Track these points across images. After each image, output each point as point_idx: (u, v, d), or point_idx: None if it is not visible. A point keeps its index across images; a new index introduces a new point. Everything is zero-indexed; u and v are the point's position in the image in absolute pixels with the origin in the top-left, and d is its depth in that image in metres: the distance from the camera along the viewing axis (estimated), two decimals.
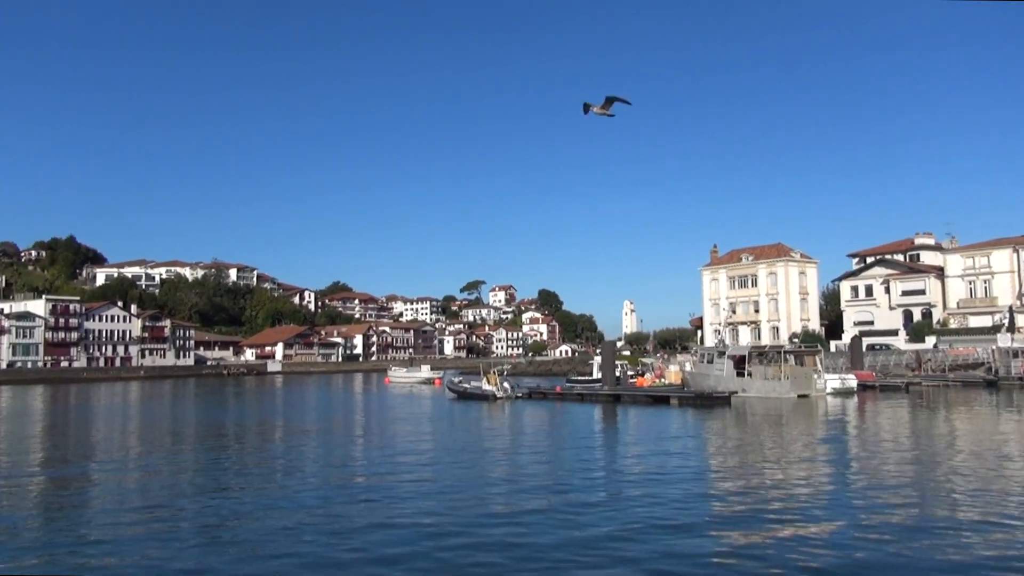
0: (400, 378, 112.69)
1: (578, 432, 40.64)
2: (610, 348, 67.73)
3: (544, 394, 65.24)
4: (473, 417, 50.37)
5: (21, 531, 18.59)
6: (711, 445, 34.53)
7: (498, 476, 26.53)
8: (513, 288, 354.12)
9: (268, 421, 50.61)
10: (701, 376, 58.87)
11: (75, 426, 48.81)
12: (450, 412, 55.14)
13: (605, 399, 58.10)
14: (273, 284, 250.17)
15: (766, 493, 22.28)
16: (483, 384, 66.79)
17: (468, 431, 42.09)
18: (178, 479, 26.42)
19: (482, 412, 54.05)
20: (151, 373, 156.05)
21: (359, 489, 24.04)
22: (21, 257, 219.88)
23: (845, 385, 59.23)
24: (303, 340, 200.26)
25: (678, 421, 44.57)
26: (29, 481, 26.66)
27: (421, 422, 47.50)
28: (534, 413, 52.19)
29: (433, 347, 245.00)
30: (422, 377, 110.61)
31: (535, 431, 41.55)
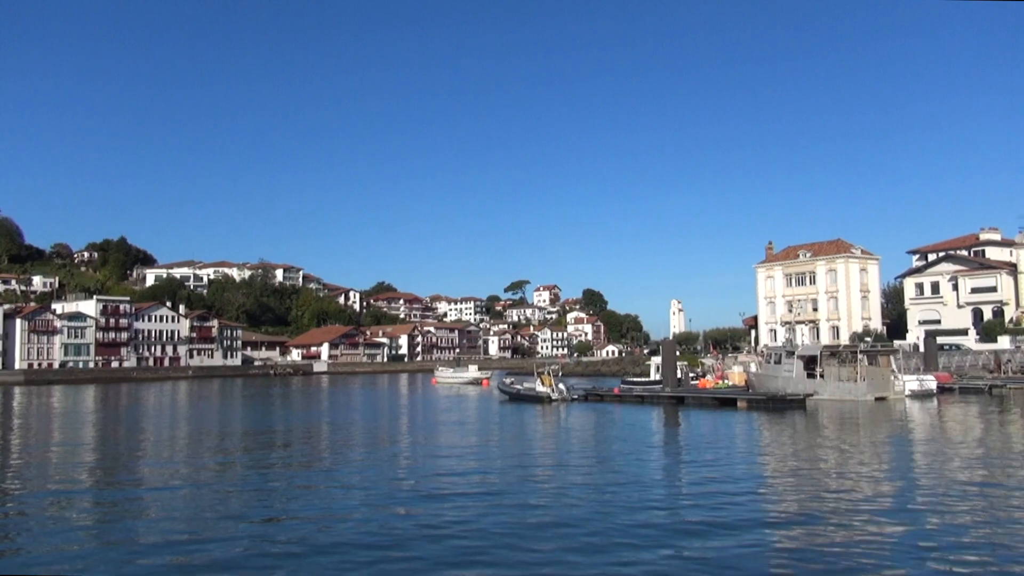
0: (447, 379, 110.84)
1: (643, 437, 37.97)
2: (670, 348, 64.22)
3: (601, 396, 62.40)
4: (527, 421, 47.88)
5: (72, 534, 18.45)
6: (791, 452, 31.47)
7: (559, 486, 24.13)
8: (557, 288, 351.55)
9: (316, 424, 48.78)
10: (768, 377, 55.53)
11: (125, 428, 48.32)
12: (503, 415, 52.74)
13: (667, 402, 55.14)
14: (319, 284, 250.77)
15: (860, 510, 19.50)
16: (537, 385, 63.94)
17: (523, 436, 39.63)
18: (224, 486, 25.09)
19: (536, 415, 51.50)
20: (199, 373, 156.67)
21: (411, 499, 22.20)
22: (74, 258, 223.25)
23: (924, 387, 55.42)
24: (349, 340, 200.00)
25: (749, 425, 41.56)
26: (79, 484, 26.25)
27: (473, 426, 45.18)
28: (592, 416, 49.48)
29: (478, 347, 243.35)
30: (469, 377, 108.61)
31: (596, 436, 38.87)
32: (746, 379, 60.19)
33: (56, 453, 34.91)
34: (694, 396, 55.84)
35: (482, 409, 59.32)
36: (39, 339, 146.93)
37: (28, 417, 60.32)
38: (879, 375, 53.55)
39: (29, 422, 55.27)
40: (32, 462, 32.39)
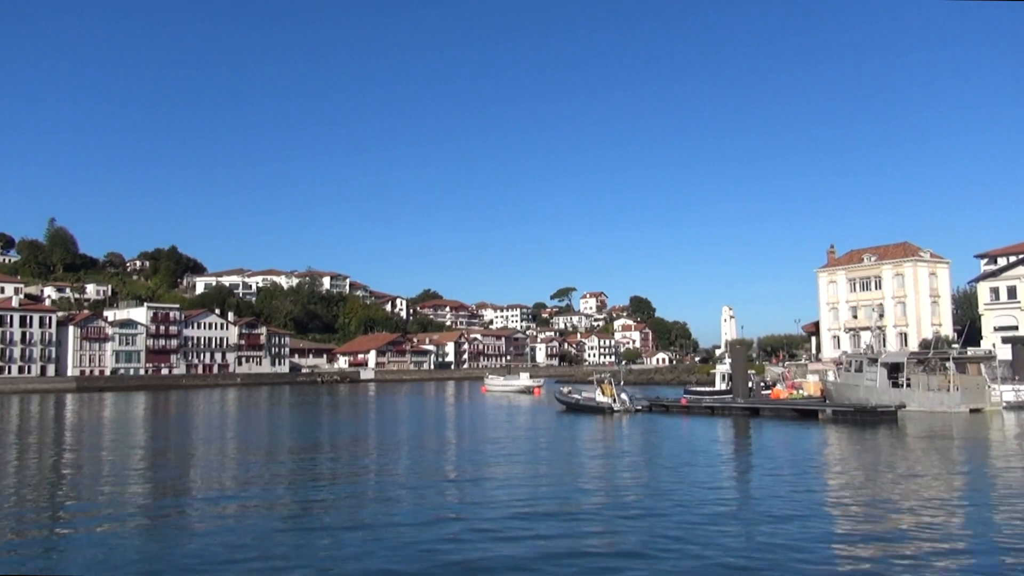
0: (497, 387, 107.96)
1: (723, 455, 34.74)
2: (741, 355, 59.99)
3: (666, 407, 58.90)
4: (589, 434, 44.75)
5: (117, 547, 18.35)
6: (900, 475, 27.82)
7: (640, 513, 21.27)
8: (604, 295, 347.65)
9: (364, 435, 46.46)
10: (848, 387, 51.54)
11: (175, 438, 47.55)
12: (561, 427, 49.64)
13: (740, 413, 51.52)
14: (365, 292, 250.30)
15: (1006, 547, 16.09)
16: (597, 395, 60.60)
17: (586, 452, 36.61)
18: (270, 504, 23.80)
19: (598, 427, 48.37)
20: (247, 380, 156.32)
21: (463, 525, 19.89)
22: (127, 267, 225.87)
23: (1021, 398, 50.92)
24: (395, 348, 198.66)
25: (838, 440, 37.99)
26: (130, 492, 26.39)
27: (531, 439, 42.13)
28: (660, 430, 46.12)
29: (525, 355, 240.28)
30: (520, 386, 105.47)
31: (670, 453, 35.56)
32: (822, 389, 56.20)
33: (108, 463, 34.40)
34: (771, 408, 52.01)
35: (538, 420, 56.21)
36: (91, 346, 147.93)
37: (80, 425, 59.80)
38: (972, 385, 49.28)
39: (82, 430, 54.80)
40: (85, 470, 32.18)
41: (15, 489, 27.49)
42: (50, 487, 28.06)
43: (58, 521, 21.90)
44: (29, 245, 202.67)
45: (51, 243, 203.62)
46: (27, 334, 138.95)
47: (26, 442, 46.40)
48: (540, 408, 69.81)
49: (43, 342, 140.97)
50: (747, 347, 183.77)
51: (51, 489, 27.53)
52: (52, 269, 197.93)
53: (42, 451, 41.12)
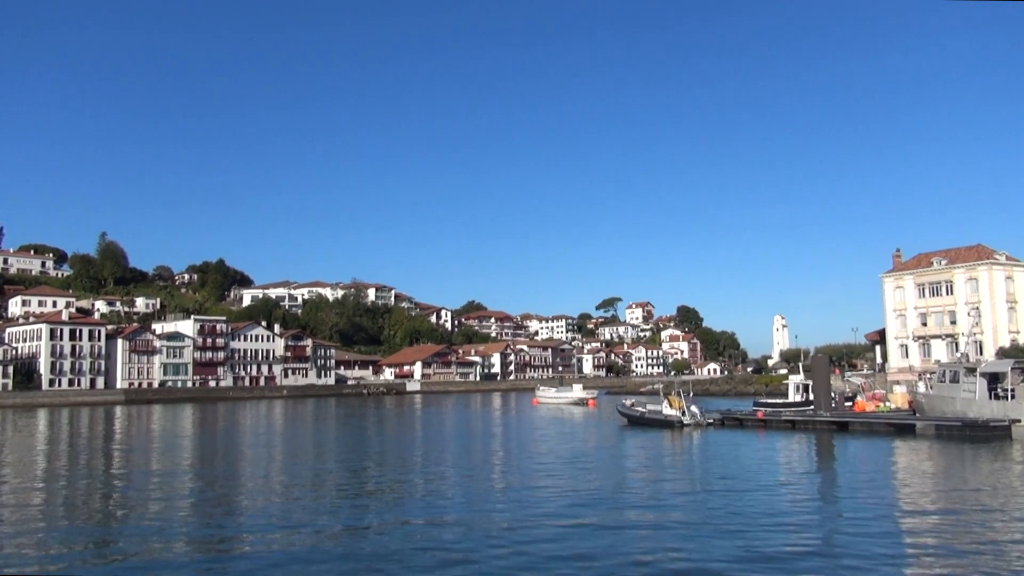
0: (549, 398, 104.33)
1: (819, 472, 31.07)
2: (823, 365, 55.38)
3: (740, 421, 54.84)
4: (660, 450, 41.20)
5: (168, 558, 18.59)
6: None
7: (737, 556, 17.67)
8: (651, 305, 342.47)
9: (414, 453, 43.70)
10: (943, 399, 47.13)
11: (222, 454, 46.81)
12: (628, 442, 46.13)
13: (825, 427, 47.41)
14: (410, 303, 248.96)
15: None
16: (664, 408, 56.63)
17: (658, 471, 33.12)
18: (317, 524, 22.92)
19: (667, 444, 44.74)
20: (294, 392, 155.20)
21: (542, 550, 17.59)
22: (175, 280, 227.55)
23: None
24: (441, 359, 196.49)
25: (947, 458, 34.00)
26: (178, 508, 26.13)
27: (594, 457, 38.77)
28: (739, 446, 42.24)
29: (571, 366, 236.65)
30: (574, 397, 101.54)
31: (756, 470, 31.92)
32: (910, 401, 51.80)
33: (156, 478, 34.23)
34: (861, 421, 47.70)
35: (601, 435, 52.65)
36: (139, 359, 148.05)
37: (129, 438, 59.42)
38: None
39: (131, 443, 54.73)
40: (134, 485, 32.10)
41: (64, 502, 27.77)
42: (101, 500, 28.33)
43: (107, 538, 21.79)
44: (81, 260, 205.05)
45: (102, 257, 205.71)
46: (77, 347, 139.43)
47: (77, 455, 46.09)
48: (599, 421, 66.33)
49: (92, 355, 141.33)
50: (805, 355, 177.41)
51: (102, 503, 27.75)
52: (103, 283, 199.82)
53: (92, 464, 40.97)
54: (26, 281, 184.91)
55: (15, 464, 41.11)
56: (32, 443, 55.27)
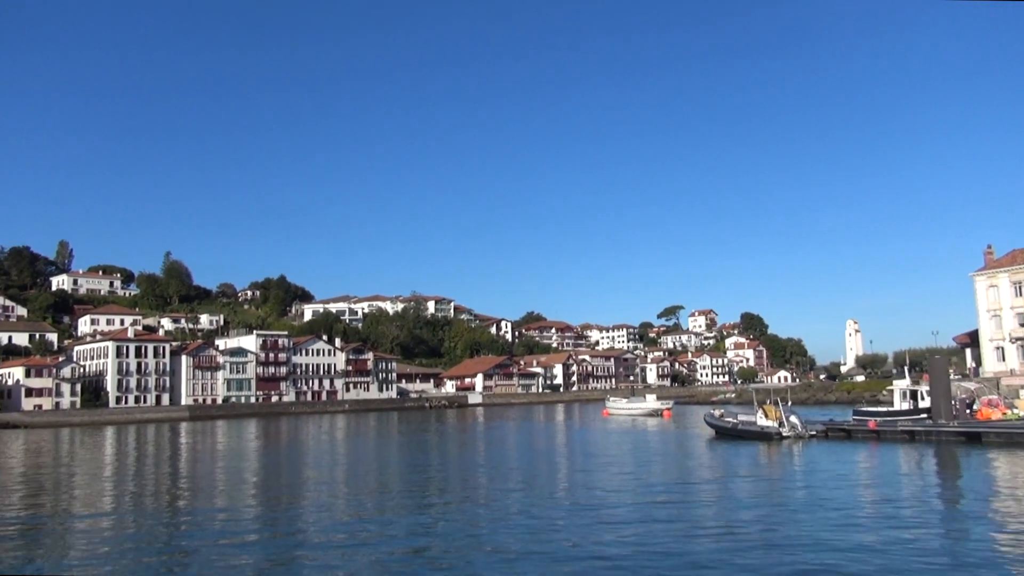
0: (621, 410, 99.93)
1: (978, 497, 26.45)
2: (942, 368, 49.72)
3: (847, 432, 49.69)
4: (762, 468, 36.90)
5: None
6: None
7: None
8: (713, 312, 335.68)
9: (473, 471, 40.58)
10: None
11: (287, 466, 46.81)
12: (721, 458, 41.89)
13: (953, 439, 42.36)
14: (470, 315, 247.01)
15: None
16: (758, 418, 52.08)
17: (771, 494, 29.05)
18: (382, 552, 21.46)
19: (768, 459, 40.36)
20: (355, 407, 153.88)
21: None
22: (238, 297, 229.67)
23: None
24: (502, 371, 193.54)
25: None
26: (243, 528, 25.97)
27: (686, 478, 34.63)
28: (852, 463, 37.46)
29: (635, 376, 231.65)
30: (648, 408, 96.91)
31: (894, 494, 27.41)
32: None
33: (222, 496, 34.28)
34: (999, 432, 42.14)
35: (688, 449, 48.32)
36: (203, 375, 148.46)
37: (195, 454, 59.30)
38: None
39: (196, 459, 54.90)
40: (200, 501, 32.25)
41: (134, 519, 28.13)
42: (169, 515, 28.71)
43: (175, 553, 22.07)
44: (147, 279, 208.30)
45: (167, 276, 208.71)
46: (142, 364, 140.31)
47: (145, 472, 46.55)
48: (680, 433, 61.99)
49: (158, 371, 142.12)
50: (881, 362, 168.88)
51: (170, 518, 28.12)
52: (168, 301, 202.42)
53: (159, 480, 41.36)
54: (95, 301, 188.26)
55: (86, 482, 41.39)
56: (101, 461, 55.36)
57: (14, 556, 21.90)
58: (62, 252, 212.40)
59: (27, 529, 26.41)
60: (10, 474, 46.32)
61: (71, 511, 30.54)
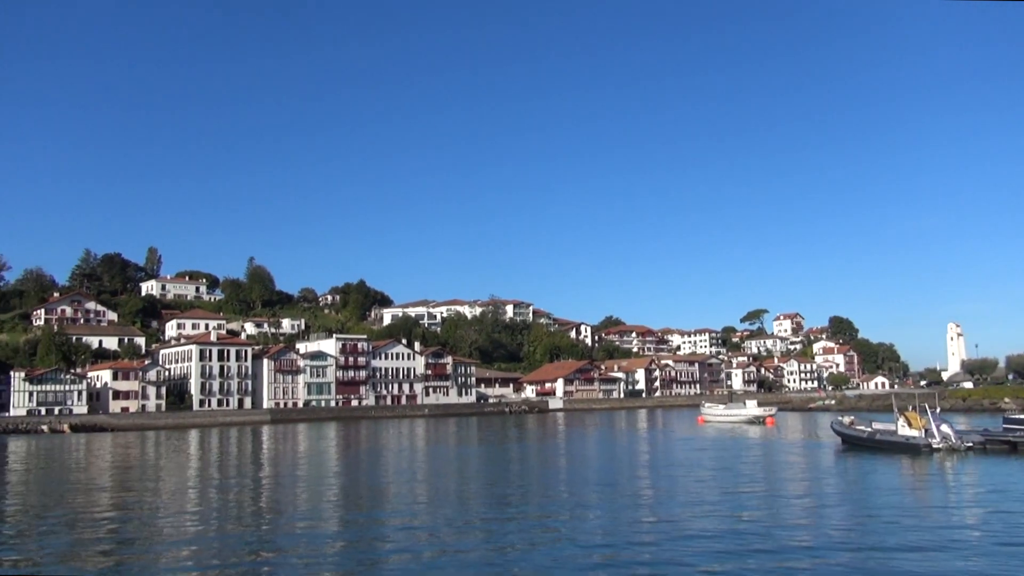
0: (718, 416, 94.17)
1: None
2: None
3: (1012, 444, 43.36)
4: (904, 488, 31.55)
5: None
6: None
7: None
8: (799, 316, 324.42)
9: (553, 485, 36.85)
10: None
11: (367, 470, 46.62)
12: (857, 475, 36.27)
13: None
14: (549, 319, 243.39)
15: None
16: (900, 427, 45.82)
17: (922, 522, 23.92)
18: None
19: (910, 475, 34.81)
20: (435, 411, 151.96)
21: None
22: (319, 302, 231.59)
23: None
24: (583, 376, 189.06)
25: None
26: (327, 525, 26.69)
27: (815, 495, 29.73)
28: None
29: (719, 381, 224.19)
30: (748, 415, 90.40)
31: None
32: None
33: (305, 496, 34.73)
34: None
35: (813, 463, 42.55)
36: (284, 378, 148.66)
37: (278, 457, 59.47)
38: None
39: (278, 462, 55.05)
40: (282, 505, 32.64)
41: (218, 523, 28.57)
42: (252, 518, 29.30)
43: (258, 555, 22.40)
44: (231, 284, 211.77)
45: (250, 281, 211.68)
46: (225, 367, 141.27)
47: (229, 474, 47.39)
48: (798, 444, 56.21)
49: (240, 375, 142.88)
50: (991, 368, 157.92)
51: (254, 521, 28.67)
52: (251, 306, 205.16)
53: (242, 482, 41.77)
54: (182, 306, 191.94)
55: (174, 484, 42.36)
56: (188, 464, 55.84)
57: (105, 556, 22.65)
58: (151, 258, 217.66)
59: (116, 529, 27.42)
60: (103, 477, 46.76)
61: (159, 513, 31.28)
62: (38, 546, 24.65)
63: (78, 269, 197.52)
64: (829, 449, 49.61)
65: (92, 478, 46.98)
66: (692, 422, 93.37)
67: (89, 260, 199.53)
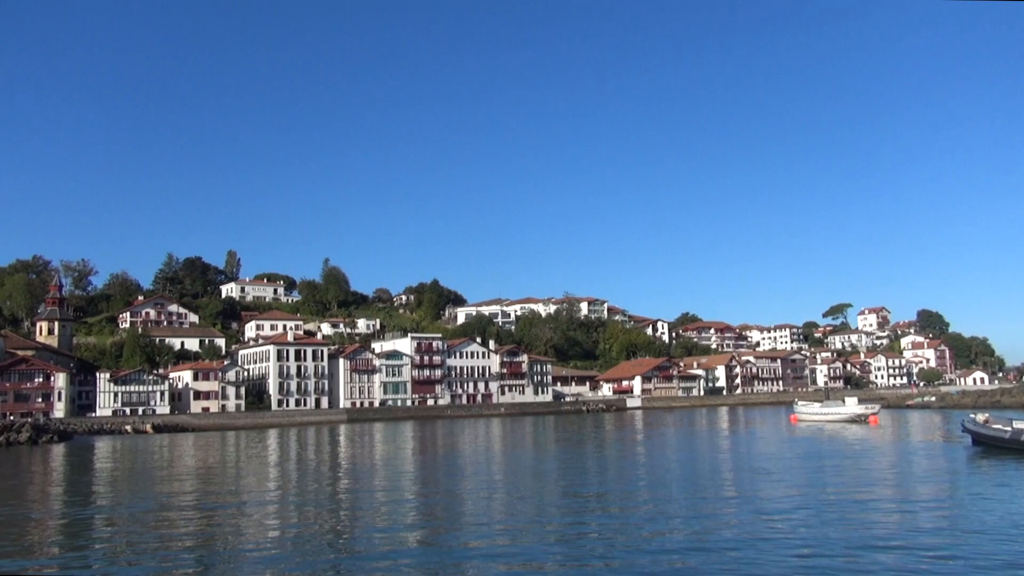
0: (814, 415, 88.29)
1: None
2: None
3: None
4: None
5: None
6: None
7: None
8: (885, 310, 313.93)
9: (633, 493, 33.88)
10: None
11: (445, 472, 45.96)
12: (1000, 481, 32.33)
13: None
14: (624, 316, 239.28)
15: None
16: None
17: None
18: None
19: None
20: (511, 410, 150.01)
21: None
22: (393, 302, 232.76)
23: None
24: (662, 373, 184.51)
25: None
26: (405, 526, 26.87)
27: (959, 509, 25.86)
28: None
29: (803, 378, 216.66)
30: (849, 413, 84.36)
31: None
32: None
33: (383, 495, 35.12)
34: None
35: (944, 468, 38.00)
36: (360, 378, 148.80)
37: (355, 457, 59.81)
38: None
39: (357, 462, 55.43)
40: (363, 503, 33.25)
41: (300, 517, 29.71)
42: (331, 518, 29.78)
43: (337, 556, 22.70)
44: (308, 285, 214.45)
45: (326, 282, 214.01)
46: (302, 367, 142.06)
47: (311, 473, 47.90)
48: (916, 445, 51.33)
49: (316, 375, 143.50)
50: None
51: (332, 521, 29.15)
52: (327, 307, 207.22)
53: (321, 482, 42.19)
54: (260, 307, 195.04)
55: (254, 483, 43.32)
56: (271, 463, 56.47)
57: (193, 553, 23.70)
58: (231, 261, 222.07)
59: (204, 529, 28.46)
60: (191, 478, 47.86)
61: (245, 513, 32.01)
62: (129, 549, 25.41)
63: (161, 273, 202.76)
64: (960, 451, 44.90)
65: (185, 477, 48.26)
66: (781, 421, 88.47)
67: (171, 264, 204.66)
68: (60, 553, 25.05)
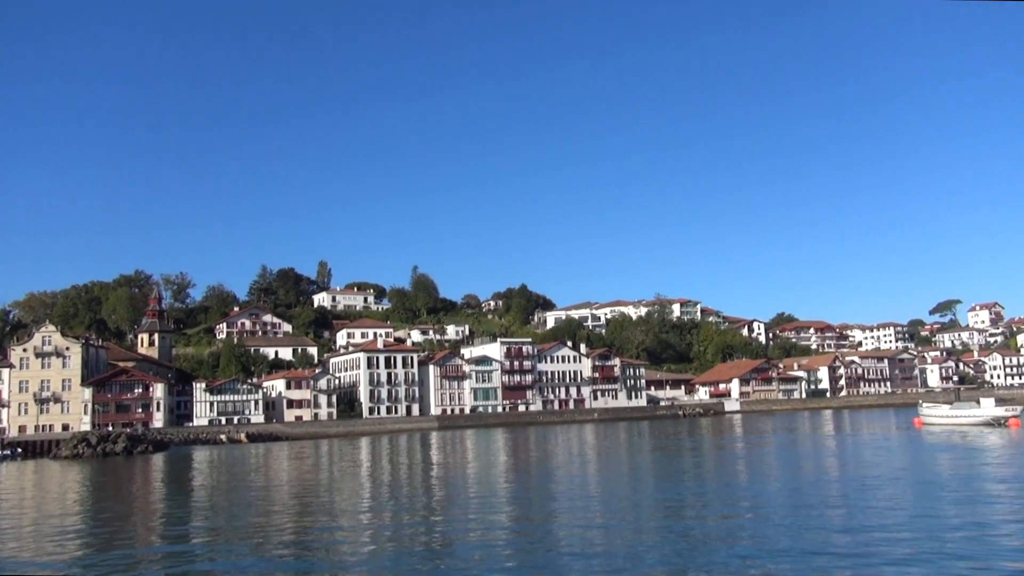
0: (942, 419, 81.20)
1: None
2: None
3: None
4: None
5: None
6: None
7: None
8: (999, 306, 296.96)
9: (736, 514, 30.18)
10: None
11: (538, 483, 45.20)
12: None
13: None
14: (718, 317, 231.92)
15: None
16: None
17: None
18: None
19: None
20: (604, 416, 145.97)
21: None
22: (482, 307, 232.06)
23: None
24: (760, 375, 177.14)
25: None
26: (498, 537, 27.27)
27: None
28: None
29: (913, 378, 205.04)
30: (984, 416, 76.70)
31: None
32: None
33: (477, 505, 35.25)
34: None
35: None
36: (450, 384, 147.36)
37: (448, 465, 59.75)
38: None
39: (450, 470, 55.62)
40: (457, 512, 33.62)
41: (393, 531, 29.83)
42: (424, 528, 30.26)
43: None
44: (397, 293, 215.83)
45: (415, 289, 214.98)
46: (392, 374, 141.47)
47: (408, 482, 48.29)
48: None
49: (407, 382, 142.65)
50: None
51: (426, 530, 29.58)
52: (417, 314, 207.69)
53: (415, 491, 42.55)
54: (351, 316, 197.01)
55: (351, 491, 43.87)
56: (366, 473, 56.38)
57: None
58: (322, 272, 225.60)
59: (300, 537, 29.32)
60: (292, 487, 48.54)
61: (342, 525, 32.39)
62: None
63: (256, 284, 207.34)
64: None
65: (285, 487, 48.76)
66: (895, 425, 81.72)
67: (266, 275, 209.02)
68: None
